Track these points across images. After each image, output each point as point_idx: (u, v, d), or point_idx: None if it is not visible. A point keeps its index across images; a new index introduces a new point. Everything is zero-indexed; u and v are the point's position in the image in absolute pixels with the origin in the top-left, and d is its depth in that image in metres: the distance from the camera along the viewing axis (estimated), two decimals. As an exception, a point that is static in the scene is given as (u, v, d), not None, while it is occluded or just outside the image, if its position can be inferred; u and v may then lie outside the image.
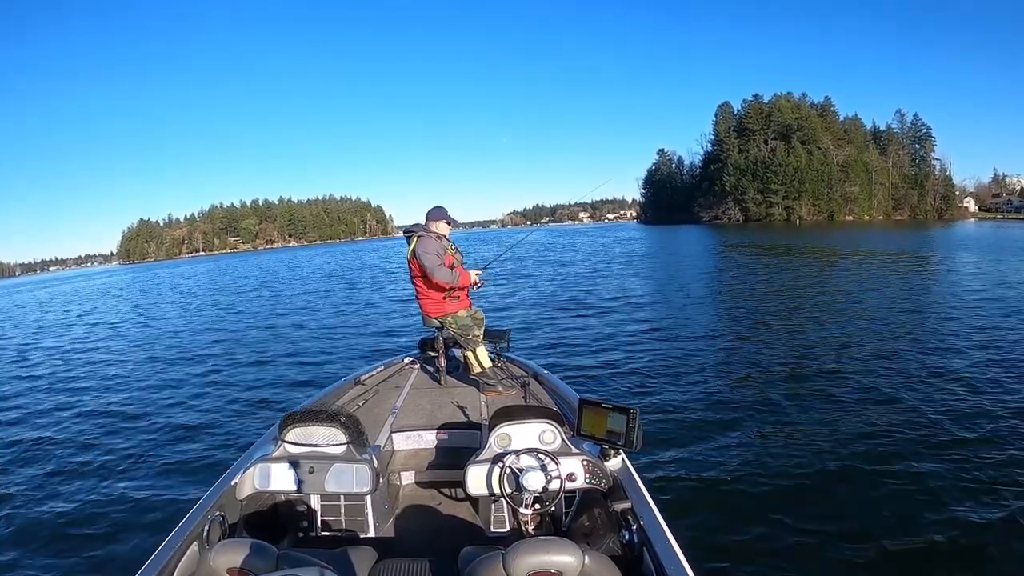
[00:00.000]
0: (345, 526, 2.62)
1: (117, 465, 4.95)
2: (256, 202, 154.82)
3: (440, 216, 3.80)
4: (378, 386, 3.86)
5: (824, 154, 75.46)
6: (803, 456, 4.28)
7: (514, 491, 2.32)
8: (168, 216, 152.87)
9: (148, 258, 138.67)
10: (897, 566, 3.02)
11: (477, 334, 3.80)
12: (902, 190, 76.74)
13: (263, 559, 1.56)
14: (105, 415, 6.58)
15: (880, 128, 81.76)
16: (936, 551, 3.10)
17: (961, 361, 6.62)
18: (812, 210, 74.44)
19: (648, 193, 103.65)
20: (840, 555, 3.09)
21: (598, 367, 7.18)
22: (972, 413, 4.94)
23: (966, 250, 22.95)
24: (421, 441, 3.17)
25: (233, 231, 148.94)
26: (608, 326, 9.88)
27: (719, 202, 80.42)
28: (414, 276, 3.80)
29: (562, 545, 1.44)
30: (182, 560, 1.94)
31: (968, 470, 3.92)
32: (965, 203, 79.73)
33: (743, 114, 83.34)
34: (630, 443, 2.25)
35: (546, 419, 2.48)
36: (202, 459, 4.93)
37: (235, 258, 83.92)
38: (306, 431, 2.46)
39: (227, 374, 8.15)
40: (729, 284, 15.46)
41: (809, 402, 5.49)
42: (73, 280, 61.23)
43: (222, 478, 2.47)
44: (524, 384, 3.53)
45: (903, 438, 4.51)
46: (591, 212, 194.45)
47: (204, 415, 6.20)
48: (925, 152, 78.38)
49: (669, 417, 5.21)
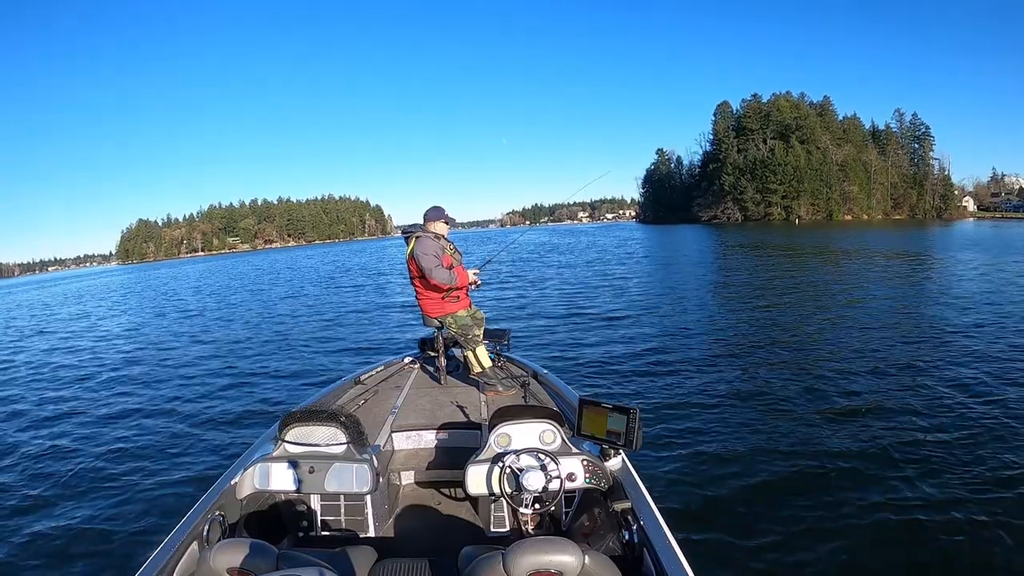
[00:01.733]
0: (345, 526, 2.62)
1: (117, 465, 4.95)
2: (255, 202, 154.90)
3: (438, 216, 3.79)
4: (378, 386, 3.86)
5: (823, 153, 75.54)
6: (804, 456, 4.29)
7: (514, 491, 2.32)
8: (167, 216, 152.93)
9: (147, 258, 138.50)
10: (897, 566, 3.02)
11: (477, 334, 3.80)
12: (901, 189, 76.84)
13: (263, 559, 1.56)
14: (105, 416, 6.57)
15: (879, 127, 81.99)
16: (936, 551, 3.11)
17: (963, 362, 6.63)
18: (811, 209, 74.49)
19: (647, 193, 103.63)
20: (840, 555, 3.09)
21: (598, 367, 7.18)
22: (979, 414, 4.94)
23: (966, 249, 22.98)
24: (421, 441, 3.17)
25: (232, 231, 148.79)
26: (608, 326, 9.88)
27: (718, 202, 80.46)
28: (413, 277, 3.80)
29: (562, 545, 1.44)
30: (182, 560, 1.94)
31: (970, 471, 3.92)
32: (964, 202, 79.83)
33: (742, 114, 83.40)
34: (630, 443, 2.24)
35: (546, 419, 2.47)
36: (202, 459, 4.93)
37: (234, 258, 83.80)
38: (306, 431, 2.46)
39: (227, 374, 8.14)
40: (729, 284, 15.46)
41: (810, 402, 5.49)
42: (73, 280, 61.13)
43: (222, 478, 2.46)
44: (524, 384, 3.53)
45: (904, 438, 4.51)
46: (590, 212, 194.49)
47: (204, 415, 6.19)
48: (924, 151, 78.50)
49: (669, 417, 5.21)
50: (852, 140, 78.46)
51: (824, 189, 74.58)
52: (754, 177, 77.17)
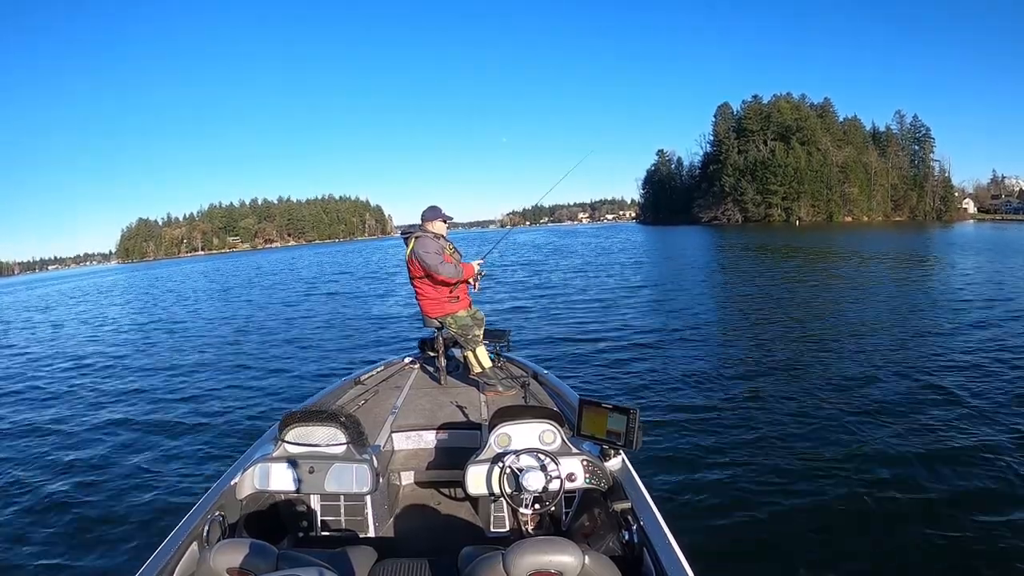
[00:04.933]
0: (345, 526, 2.62)
1: (117, 466, 4.95)
2: (255, 201, 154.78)
3: (435, 216, 3.79)
4: (378, 386, 3.86)
5: (823, 155, 75.57)
6: (804, 456, 4.28)
7: (514, 491, 2.32)
8: (167, 215, 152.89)
9: (147, 257, 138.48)
10: (898, 566, 3.02)
11: (477, 334, 3.80)
12: (901, 191, 76.89)
13: (263, 559, 1.56)
14: (104, 416, 6.57)
15: (879, 129, 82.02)
16: (937, 551, 3.10)
17: (966, 361, 6.63)
18: (811, 211, 74.51)
19: (647, 193, 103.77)
20: (840, 555, 3.09)
21: (598, 367, 7.18)
22: (984, 417, 4.93)
23: (966, 251, 22.97)
24: (421, 441, 3.17)
25: (232, 230, 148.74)
26: (609, 327, 9.88)
27: (718, 203, 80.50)
28: (413, 277, 3.80)
29: (562, 545, 1.44)
30: (182, 560, 1.94)
31: (972, 473, 3.92)
32: (964, 204, 79.91)
33: (742, 115, 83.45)
34: (630, 443, 2.24)
35: (546, 419, 2.47)
36: (202, 459, 4.93)
37: (234, 258, 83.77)
38: (306, 431, 2.46)
39: (226, 374, 8.14)
40: (729, 285, 15.47)
41: (810, 403, 5.49)
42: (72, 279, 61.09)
43: (222, 478, 2.46)
44: (524, 384, 3.53)
45: (904, 438, 4.51)
46: (590, 213, 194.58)
47: (204, 415, 6.19)
48: (924, 153, 78.54)
49: (670, 417, 5.21)
50: (852, 142, 78.50)
51: (824, 190, 74.63)
52: (754, 178, 77.22)
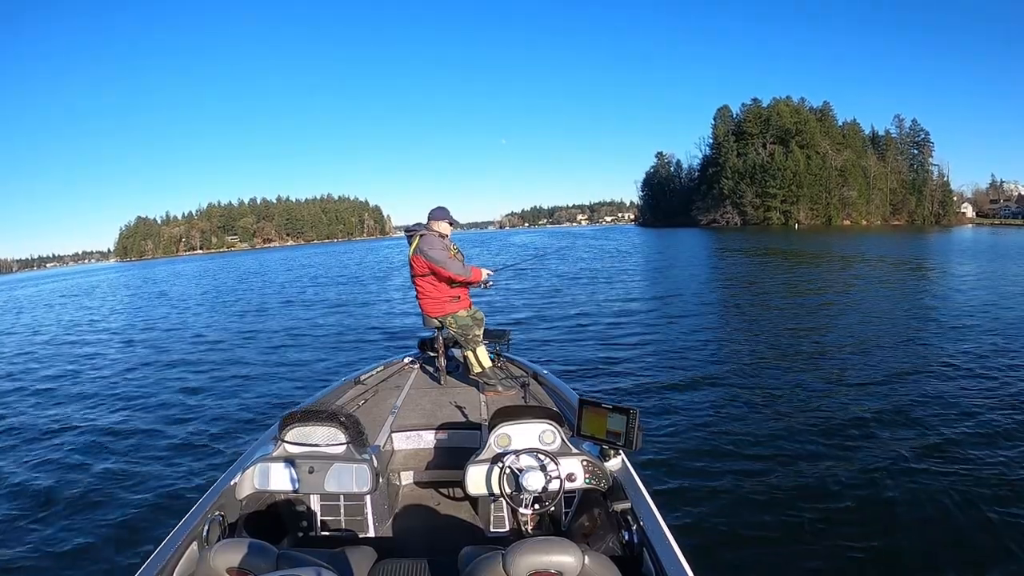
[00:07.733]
0: (345, 526, 2.62)
1: (116, 465, 4.93)
2: (254, 201, 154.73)
3: (442, 216, 3.80)
4: (378, 386, 3.86)
5: (822, 158, 75.72)
6: (804, 457, 4.29)
7: (514, 491, 2.32)
8: (166, 214, 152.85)
9: (145, 256, 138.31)
10: (898, 566, 3.02)
11: (477, 334, 3.80)
12: (900, 195, 77.03)
13: (263, 559, 1.56)
14: (104, 416, 6.55)
15: (879, 133, 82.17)
16: (937, 552, 3.11)
17: (968, 364, 6.64)
18: (810, 214, 74.67)
19: (646, 196, 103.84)
20: (840, 555, 3.09)
21: (598, 367, 7.18)
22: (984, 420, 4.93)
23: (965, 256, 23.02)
24: (421, 441, 3.17)
25: (231, 230, 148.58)
26: (608, 327, 9.88)
27: (717, 206, 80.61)
28: (416, 275, 3.79)
29: (562, 545, 1.44)
30: (182, 560, 1.93)
31: (974, 474, 3.92)
32: (963, 209, 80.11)
33: (742, 118, 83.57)
34: (630, 443, 2.24)
35: (546, 419, 2.47)
36: (201, 459, 4.91)
37: (233, 257, 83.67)
38: (306, 431, 2.46)
39: (226, 374, 8.12)
40: (729, 287, 15.49)
41: (811, 403, 5.50)
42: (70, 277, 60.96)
43: (221, 478, 2.46)
44: (524, 384, 3.53)
45: (904, 438, 4.51)
46: (589, 214, 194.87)
47: (203, 415, 6.17)
48: (923, 157, 78.74)
49: (669, 418, 5.21)
50: (851, 145, 78.65)
51: (823, 194, 74.77)
52: (753, 181, 77.34)
